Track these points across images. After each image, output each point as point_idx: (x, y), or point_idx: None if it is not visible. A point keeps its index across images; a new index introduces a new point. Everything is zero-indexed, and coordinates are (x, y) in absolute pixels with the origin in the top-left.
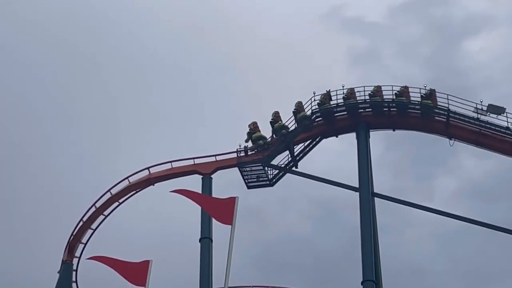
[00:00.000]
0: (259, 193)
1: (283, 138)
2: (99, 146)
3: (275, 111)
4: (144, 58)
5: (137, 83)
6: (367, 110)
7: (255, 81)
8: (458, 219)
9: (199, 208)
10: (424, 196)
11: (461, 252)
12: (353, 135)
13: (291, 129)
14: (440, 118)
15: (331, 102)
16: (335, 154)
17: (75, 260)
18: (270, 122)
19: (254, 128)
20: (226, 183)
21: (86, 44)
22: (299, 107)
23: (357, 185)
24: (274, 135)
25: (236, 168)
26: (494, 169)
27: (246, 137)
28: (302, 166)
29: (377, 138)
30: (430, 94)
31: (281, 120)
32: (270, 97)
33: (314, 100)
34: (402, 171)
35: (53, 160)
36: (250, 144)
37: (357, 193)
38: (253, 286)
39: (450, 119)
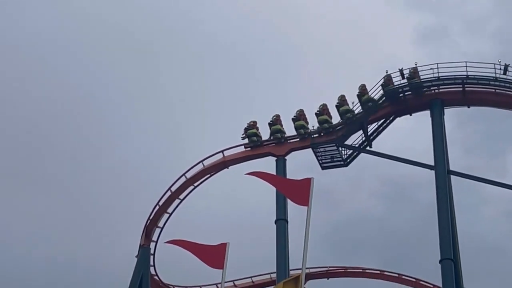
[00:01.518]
0: (331, 173)
1: (357, 117)
2: (173, 131)
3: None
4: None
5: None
6: (441, 87)
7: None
8: None
9: (273, 190)
10: (496, 173)
11: None
12: (427, 113)
13: (356, 111)
14: None
15: (403, 81)
16: (407, 132)
17: (152, 244)
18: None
19: (253, 125)
20: (299, 164)
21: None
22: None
23: (432, 163)
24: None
25: (310, 149)
26: None
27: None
28: (375, 146)
29: (447, 116)
30: (414, 73)
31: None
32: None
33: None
34: (473, 148)
35: (128, 147)
36: (246, 140)
37: (432, 171)
38: (329, 267)
39: None
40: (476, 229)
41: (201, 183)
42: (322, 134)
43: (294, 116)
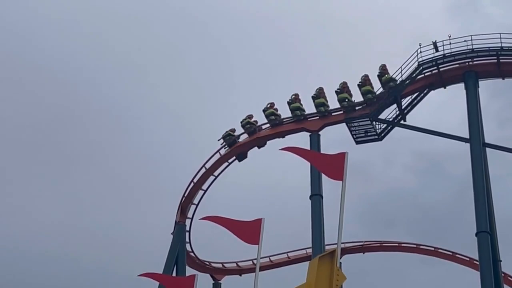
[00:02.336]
0: (363, 148)
1: (391, 91)
2: (206, 106)
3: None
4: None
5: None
6: (475, 60)
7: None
8: None
9: (308, 165)
10: None
11: None
12: (461, 86)
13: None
14: None
15: (437, 54)
16: (441, 106)
17: (187, 221)
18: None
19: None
20: (333, 139)
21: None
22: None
23: (467, 136)
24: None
25: (344, 124)
26: None
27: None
28: (409, 120)
29: (481, 88)
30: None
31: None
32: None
33: (421, 52)
34: (507, 120)
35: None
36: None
37: (467, 144)
38: (364, 242)
39: None
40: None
41: (235, 159)
42: (366, 105)
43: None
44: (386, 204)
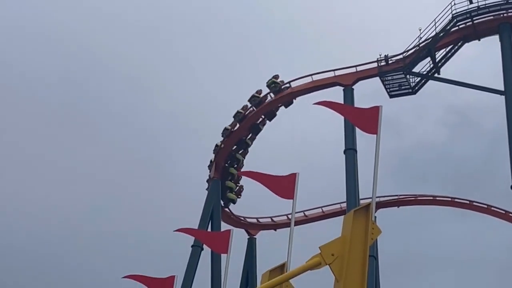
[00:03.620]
0: (394, 102)
1: (425, 44)
2: (241, 64)
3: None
4: None
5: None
6: (510, 11)
7: None
8: None
9: (342, 120)
10: None
11: None
12: (495, 38)
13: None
14: None
15: (471, 6)
16: (475, 59)
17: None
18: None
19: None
20: (366, 93)
21: None
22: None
23: (502, 88)
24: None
25: (377, 78)
26: None
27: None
28: (443, 73)
29: None
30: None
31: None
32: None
33: (454, 4)
34: None
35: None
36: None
37: (502, 97)
38: (399, 195)
39: None
40: None
41: None
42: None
43: None
44: (418, 158)
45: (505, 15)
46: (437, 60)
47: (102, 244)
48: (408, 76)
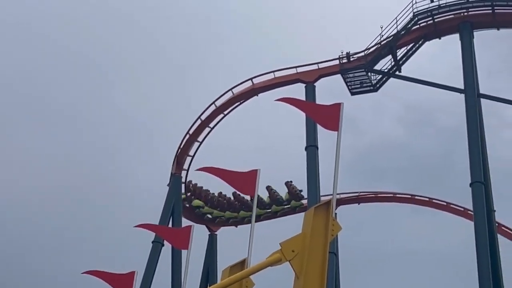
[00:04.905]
0: (353, 99)
1: (386, 41)
2: (201, 60)
3: None
4: None
5: None
6: (470, 10)
7: None
8: None
9: (303, 116)
10: None
11: None
12: (456, 36)
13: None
14: None
15: (432, 4)
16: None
17: (183, 173)
18: None
19: None
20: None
21: None
22: None
23: (461, 87)
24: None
25: (339, 75)
26: None
27: None
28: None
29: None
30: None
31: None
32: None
33: (416, 2)
34: (496, 71)
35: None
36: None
37: (458, 96)
38: (359, 193)
39: None
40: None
41: (230, 111)
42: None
43: None
44: (378, 155)
45: (465, 14)
46: (398, 58)
47: (61, 239)
48: (369, 73)
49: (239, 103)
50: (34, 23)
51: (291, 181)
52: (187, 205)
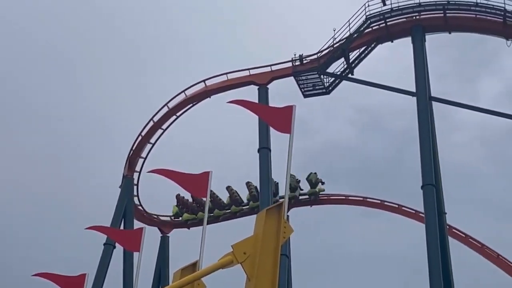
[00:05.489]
0: (307, 102)
1: (339, 44)
2: (154, 61)
3: None
4: None
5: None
6: (422, 14)
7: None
8: None
9: (256, 119)
10: (469, 98)
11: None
12: (408, 40)
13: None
14: (496, 19)
15: (385, 8)
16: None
17: (135, 175)
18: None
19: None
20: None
21: None
22: None
23: (413, 90)
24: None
25: (292, 78)
26: None
27: None
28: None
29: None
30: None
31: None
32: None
33: (368, 5)
34: (446, 75)
35: (110, 78)
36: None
37: (409, 99)
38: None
39: (507, 19)
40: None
41: (183, 112)
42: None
43: None
44: (329, 157)
45: (417, 17)
46: (350, 60)
47: (11, 240)
48: (322, 76)
49: (191, 104)
50: None
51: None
52: (139, 207)
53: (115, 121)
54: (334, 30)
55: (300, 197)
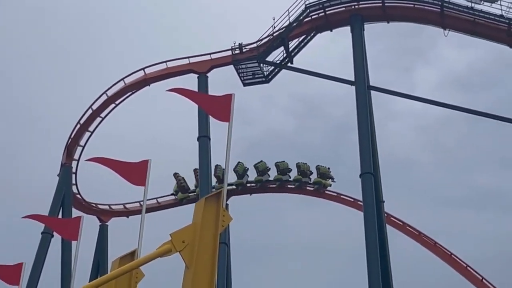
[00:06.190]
0: (246, 90)
1: (278, 33)
2: (94, 49)
3: None
4: None
5: None
6: (361, 3)
7: None
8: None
9: (195, 108)
10: (406, 88)
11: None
12: (347, 29)
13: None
14: (434, 8)
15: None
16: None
17: (74, 163)
18: None
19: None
20: (222, 81)
21: None
22: None
23: (352, 79)
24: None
25: (231, 66)
26: (475, 60)
27: None
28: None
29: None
30: None
31: None
32: None
33: None
34: (382, 64)
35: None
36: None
37: (346, 88)
38: (251, 184)
39: (445, 9)
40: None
41: (122, 101)
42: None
43: None
44: (268, 146)
45: (356, 7)
46: (290, 49)
47: None
48: (262, 64)
49: (131, 93)
50: None
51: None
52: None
53: (53, 109)
54: (274, 19)
55: (248, 185)
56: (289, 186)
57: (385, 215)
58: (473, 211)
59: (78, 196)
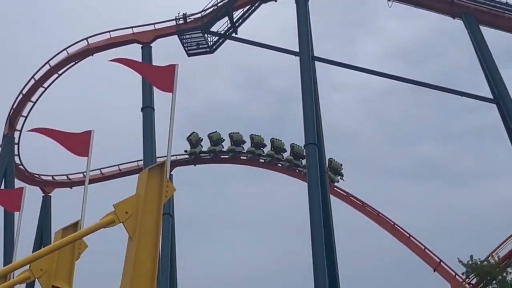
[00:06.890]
0: (189, 61)
1: (223, 3)
2: (35, 16)
3: None
4: None
5: None
6: None
7: None
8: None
9: (140, 78)
10: (349, 60)
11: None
12: (291, 0)
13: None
14: None
15: None
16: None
17: (16, 134)
18: None
19: None
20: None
21: None
22: None
23: (297, 50)
24: None
25: (176, 36)
26: (417, 31)
27: None
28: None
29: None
30: None
31: None
32: None
33: None
34: (324, 36)
35: None
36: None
37: (290, 59)
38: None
39: None
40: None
41: (65, 71)
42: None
43: None
44: (212, 117)
45: None
46: (234, 20)
47: None
48: (206, 35)
49: (74, 62)
50: None
51: None
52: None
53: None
54: None
55: (201, 155)
56: (241, 157)
57: (329, 185)
58: (416, 182)
59: (21, 167)
